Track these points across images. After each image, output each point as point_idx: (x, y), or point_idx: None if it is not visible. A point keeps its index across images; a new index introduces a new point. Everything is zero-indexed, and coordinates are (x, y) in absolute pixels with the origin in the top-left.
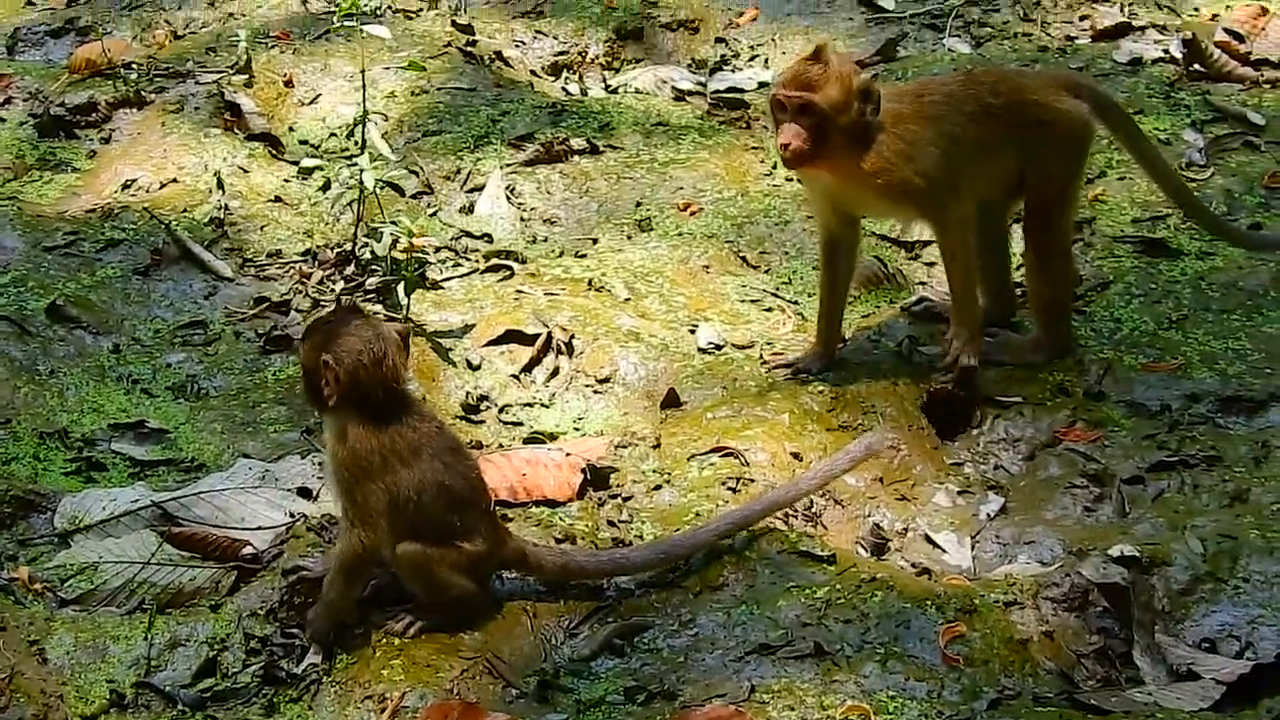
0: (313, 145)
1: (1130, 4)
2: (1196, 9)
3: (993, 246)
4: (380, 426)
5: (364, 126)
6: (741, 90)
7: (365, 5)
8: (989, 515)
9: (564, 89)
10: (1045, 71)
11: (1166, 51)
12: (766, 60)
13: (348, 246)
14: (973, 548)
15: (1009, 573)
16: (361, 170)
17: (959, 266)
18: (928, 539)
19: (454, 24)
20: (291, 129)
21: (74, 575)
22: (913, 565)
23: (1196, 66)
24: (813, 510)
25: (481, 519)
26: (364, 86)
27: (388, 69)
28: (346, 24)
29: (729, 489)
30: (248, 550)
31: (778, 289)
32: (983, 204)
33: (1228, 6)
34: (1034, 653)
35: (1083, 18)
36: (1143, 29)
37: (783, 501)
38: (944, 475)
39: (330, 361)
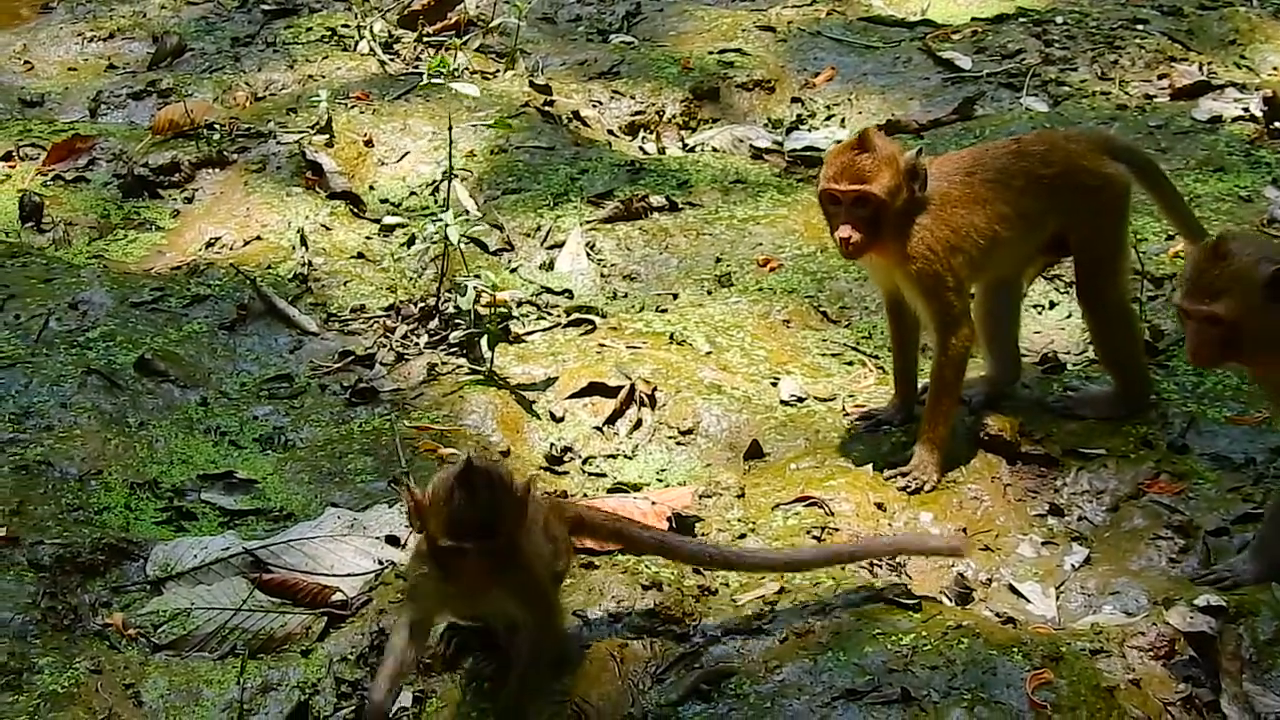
0: (393, 203)
1: (1209, 63)
2: (1276, 67)
3: (1006, 306)
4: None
5: (450, 181)
6: (818, 149)
7: (448, 66)
8: (1073, 566)
9: (641, 148)
10: (1085, 134)
11: (1246, 110)
12: (843, 120)
13: (431, 301)
14: (1057, 598)
15: (1095, 622)
16: (446, 225)
17: (952, 379)
18: (1012, 589)
19: (532, 84)
20: (372, 188)
21: (167, 621)
22: (997, 615)
23: (1277, 124)
24: (897, 560)
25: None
26: (450, 142)
27: (468, 128)
28: (435, 81)
29: (814, 538)
30: (338, 597)
31: (858, 343)
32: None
33: None
34: (1121, 700)
35: (1161, 76)
36: (1222, 87)
37: (843, 555)
38: (1027, 526)
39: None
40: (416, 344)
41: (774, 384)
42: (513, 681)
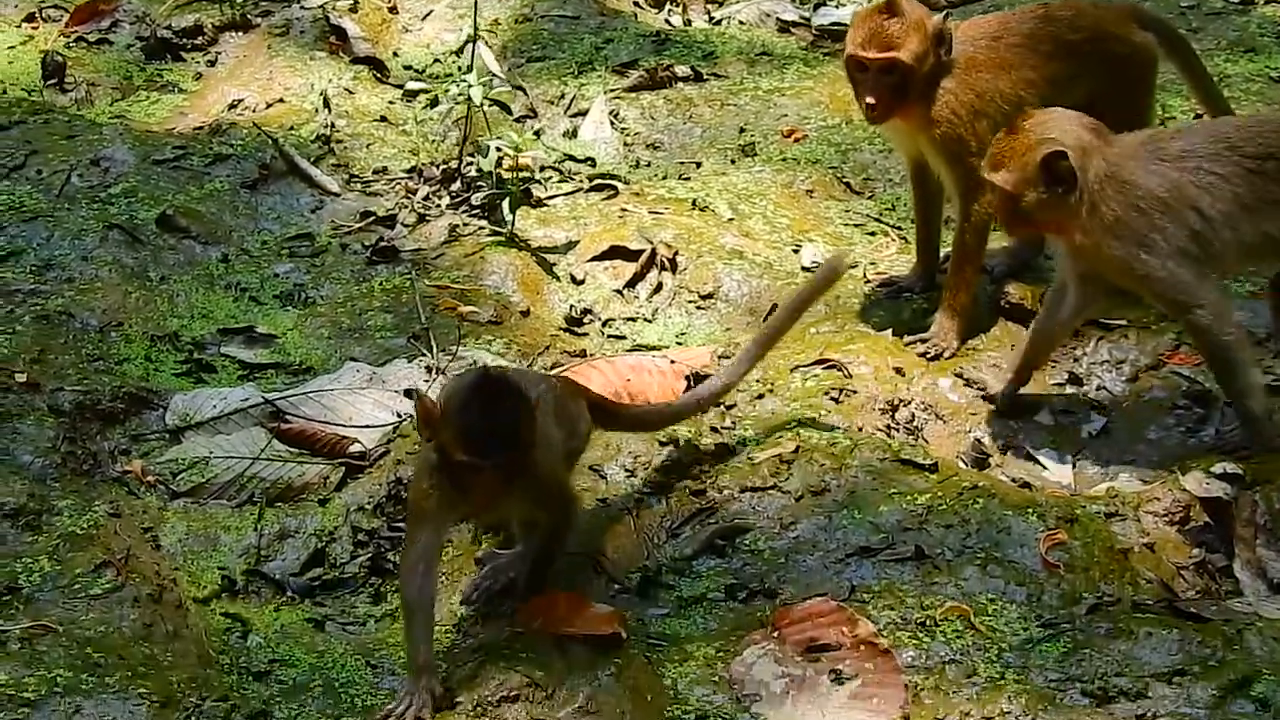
0: (417, 70)
1: None
2: None
3: None
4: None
5: (474, 43)
6: (845, 25)
7: None
8: (1091, 434)
9: (667, 20)
10: (1114, 3)
11: None
12: None
13: (453, 163)
14: (1074, 465)
15: (1111, 486)
16: (470, 86)
17: (974, 246)
18: (1029, 455)
19: None
20: (396, 54)
21: (186, 469)
22: (1013, 480)
23: None
24: (914, 424)
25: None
26: (475, 5)
27: None
28: None
29: (832, 399)
30: (355, 448)
31: (881, 215)
32: None
33: None
34: (1134, 563)
35: None
36: None
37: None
38: (1046, 395)
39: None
40: (438, 205)
41: (795, 251)
42: (529, 558)
